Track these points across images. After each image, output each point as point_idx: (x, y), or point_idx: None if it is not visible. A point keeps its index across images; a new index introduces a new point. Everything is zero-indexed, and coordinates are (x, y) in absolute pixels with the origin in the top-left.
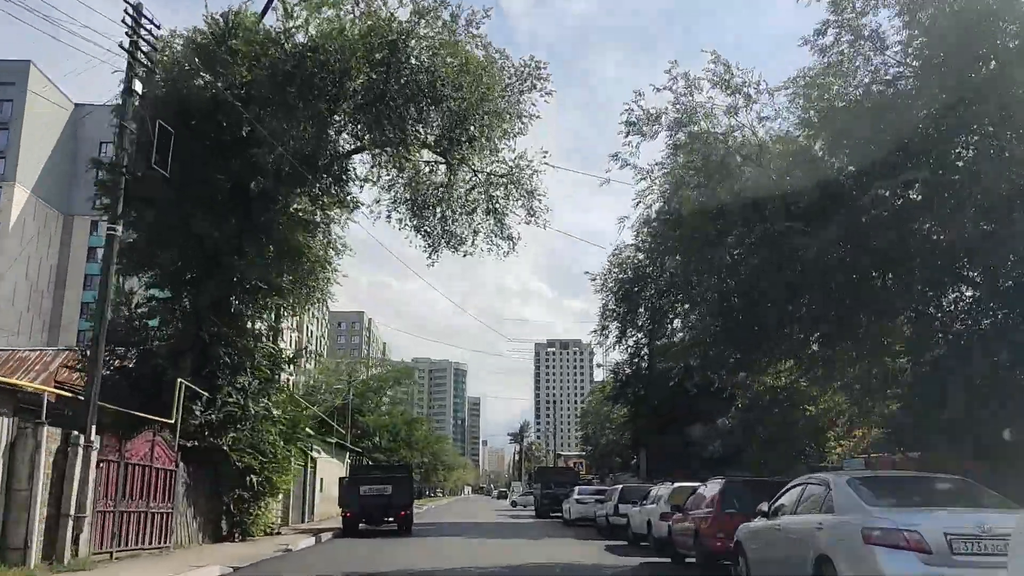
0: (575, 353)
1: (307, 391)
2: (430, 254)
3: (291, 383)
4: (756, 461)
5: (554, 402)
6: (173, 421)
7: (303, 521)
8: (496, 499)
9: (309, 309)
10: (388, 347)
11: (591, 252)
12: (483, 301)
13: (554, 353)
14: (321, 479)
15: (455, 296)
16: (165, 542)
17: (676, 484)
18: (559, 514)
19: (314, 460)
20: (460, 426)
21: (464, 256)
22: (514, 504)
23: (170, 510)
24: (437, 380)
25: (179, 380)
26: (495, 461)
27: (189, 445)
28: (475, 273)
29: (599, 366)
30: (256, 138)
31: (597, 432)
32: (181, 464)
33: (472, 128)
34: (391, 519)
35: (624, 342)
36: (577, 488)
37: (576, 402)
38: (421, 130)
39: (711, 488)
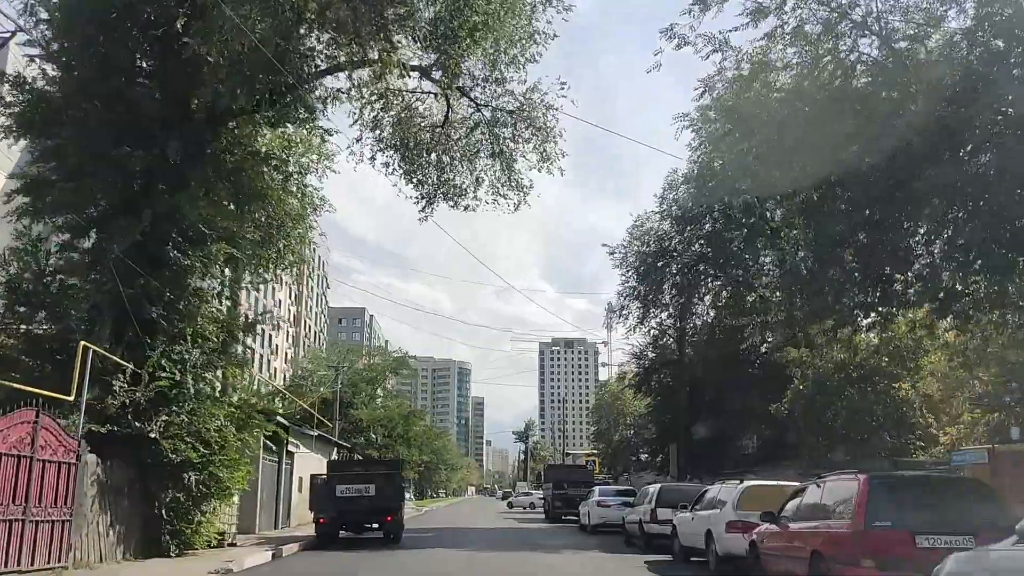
0: (580, 352)
1: (293, 382)
2: (424, 207)
3: (285, 375)
4: (822, 453)
5: (563, 399)
6: (73, 398)
7: (276, 527)
8: (500, 500)
9: (280, 275)
10: (390, 345)
11: (595, 250)
12: (485, 300)
13: (559, 352)
14: (300, 478)
15: (457, 295)
16: (60, 560)
17: (748, 483)
18: (573, 518)
19: (291, 455)
20: (464, 426)
21: (464, 210)
22: (511, 506)
23: (68, 518)
24: (440, 379)
25: (83, 344)
26: (499, 461)
27: (103, 431)
28: (476, 271)
29: (604, 365)
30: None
31: (611, 428)
32: (90, 456)
33: (475, 18)
34: (375, 525)
35: (646, 323)
36: (597, 489)
37: (582, 401)
38: (408, 21)
39: (841, 487)
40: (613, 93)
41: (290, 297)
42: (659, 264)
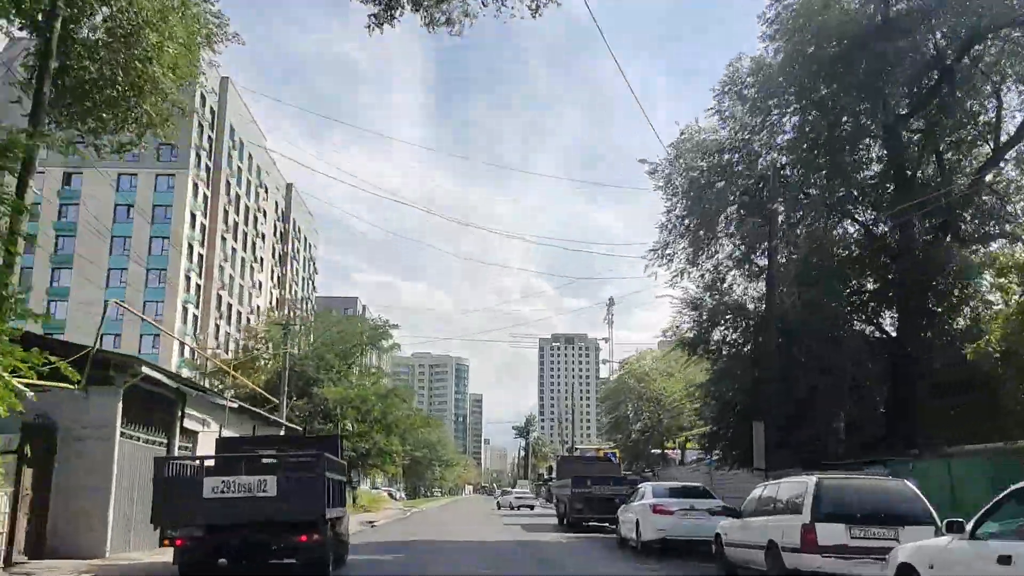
0: (580, 348)
1: (247, 353)
2: (378, 12)
3: (238, 344)
4: None
5: (572, 385)
6: None
7: (163, 544)
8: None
9: (150, 137)
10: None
11: (596, 248)
12: (484, 300)
13: (559, 348)
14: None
15: (457, 295)
16: None
17: None
18: (598, 524)
19: (190, 435)
20: (461, 423)
21: (447, 27)
22: (499, 506)
23: None
24: (438, 376)
25: None
26: (497, 460)
27: None
28: (475, 272)
29: (605, 362)
30: None
31: (631, 416)
32: None
33: None
34: (281, 549)
35: (699, 265)
36: (649, 487)
37: (583, 397)
38: None
39: None
40: (612, 96)
41: (272, 279)
42: (716, 184)
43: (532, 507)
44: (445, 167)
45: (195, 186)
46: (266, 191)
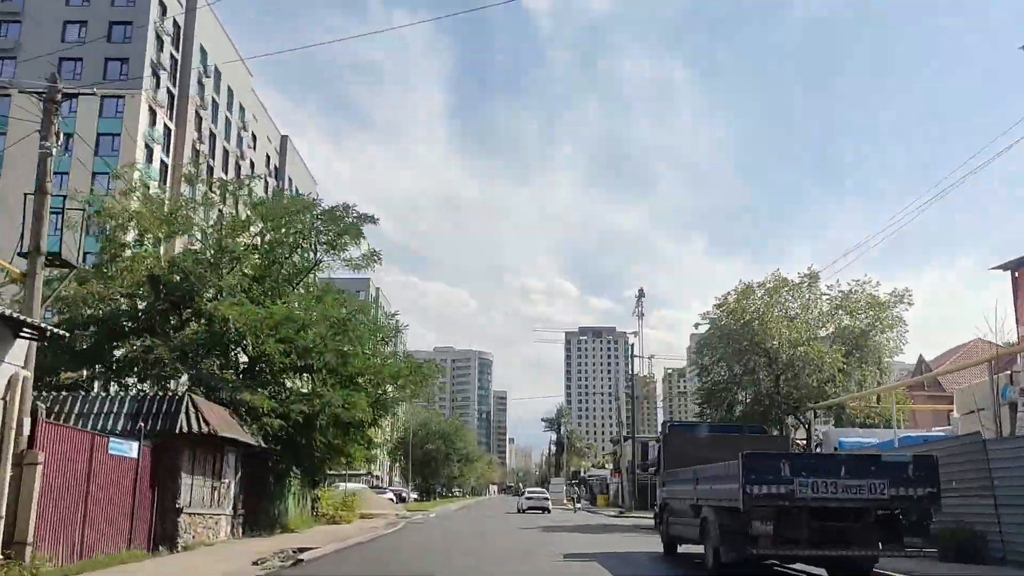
0: (608, 342)
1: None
2: None
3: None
4: None
5: (637, 360)
6: None
7: None
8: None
9: None
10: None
11: (614, 248)
12: (507, 300)
13: (586, 342)
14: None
15: (479, 295)
16: None
17: None
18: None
19: None
20: (485, 420)
21: None
22: (518, 509)
23: None
24: (460, 372)
25: None
26: (522, 460)
27: None
28: (499, 272)
29: (635, 356)
30: None
31: (741, 379)
32: None
33: None
34: None
35: None
36: None
37: (610, 393)
38: None
39: None
40: (628, 94)
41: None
42: None
43: (548, 510)
44: (465, 166)
45: (152, 112)
46: (253, 139)
